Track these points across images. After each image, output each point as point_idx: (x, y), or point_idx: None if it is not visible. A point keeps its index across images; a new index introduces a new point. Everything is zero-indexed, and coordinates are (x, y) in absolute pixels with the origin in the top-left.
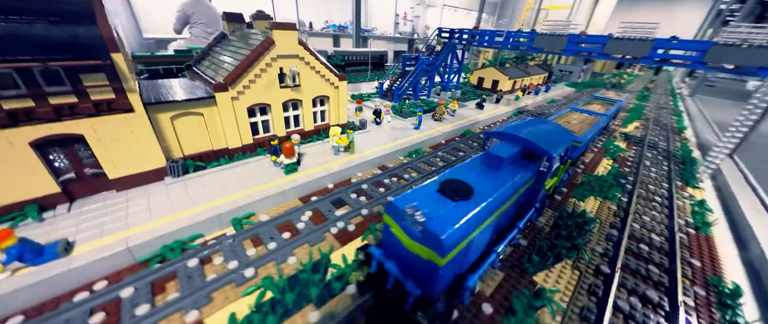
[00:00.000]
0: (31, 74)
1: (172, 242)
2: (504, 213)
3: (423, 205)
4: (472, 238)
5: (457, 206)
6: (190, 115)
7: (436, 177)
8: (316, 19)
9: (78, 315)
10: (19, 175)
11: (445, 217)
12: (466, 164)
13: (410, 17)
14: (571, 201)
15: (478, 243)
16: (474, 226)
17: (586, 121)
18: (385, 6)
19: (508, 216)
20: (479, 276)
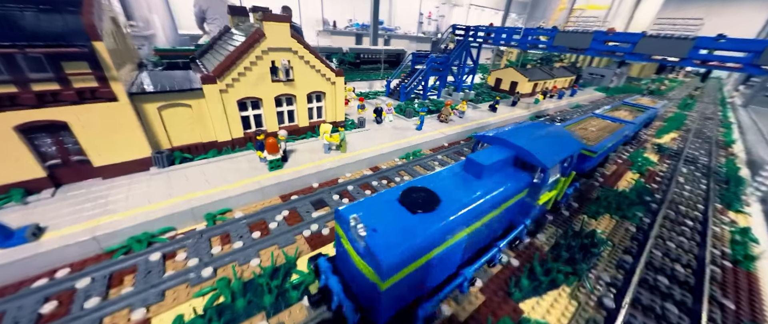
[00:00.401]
0: (13, 60)
1: (140, 234)
2: (483, 228)
3: (374, 216)
4: (433, 258)
5: (415, 219)
6: (179, 107)
7: (403, 184)
8: (340, 18)
9: (31, 303)
10: (3, 159)
11: (395, 232)
12: (443, 171)
13: (435, 17)
14: (581, 217)
15: (444, 262)
16: (434, 244)
17: (607, 129)
18: (410, 5)
19: (492, 232)
20: (440, 301)
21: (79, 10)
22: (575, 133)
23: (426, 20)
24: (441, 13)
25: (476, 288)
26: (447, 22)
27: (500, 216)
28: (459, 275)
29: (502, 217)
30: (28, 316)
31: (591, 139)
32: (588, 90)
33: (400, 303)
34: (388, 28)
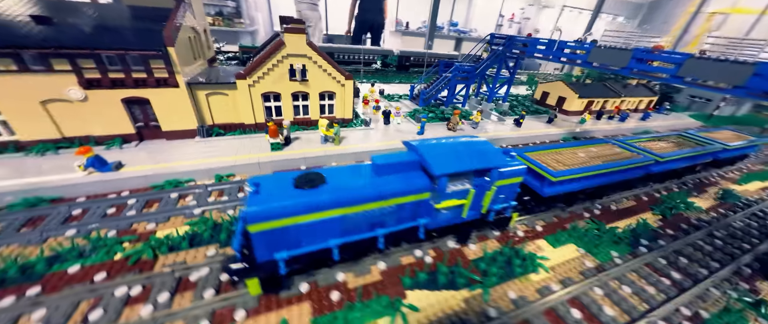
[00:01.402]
0: (123, 58)
1: (172, 179)
2: (368, 214)
3: (269, 185)
4: (301, 223)
5: (294, 192)
6: (219, 95)
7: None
8: (414, 19)
9: (104, 207)
10: (113, 119)
11: (272, 197)
12: (356, 165)
13: (518, 19)
14: (535, 240)
15: (316, 231)
16: (300, 212)
17: (602, 156)
18: (491, 6)
19: (385, 220)
20: (293, 256)
21: (162, 28)
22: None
23: (506, 22)
24: (526, 15)
25: (378, 268)
26: (532, 25)
27: (393, 209)
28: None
29: (396, 211)
30: (100, 212)
31: (568, 165)
32: (678, 115)
33: (272, 250)
34: (462, 31)
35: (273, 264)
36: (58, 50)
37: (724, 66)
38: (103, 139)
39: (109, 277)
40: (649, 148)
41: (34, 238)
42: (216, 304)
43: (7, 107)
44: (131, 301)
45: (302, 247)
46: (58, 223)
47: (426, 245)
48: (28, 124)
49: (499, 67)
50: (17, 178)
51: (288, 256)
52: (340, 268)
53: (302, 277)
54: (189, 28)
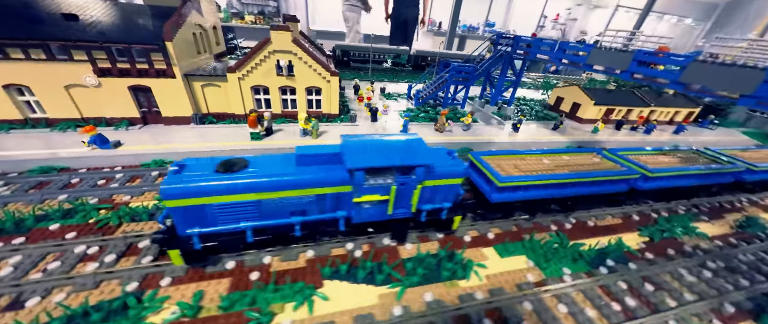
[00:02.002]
0: (129, 50)
1: (158, 160)
2: (286, 201)
3: (193, 168)
4: (214, 203)
5: (212, 176)
6: (213, 86)
7: None
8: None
9: (97, 177)
10: (122, 104)
11: (189, 178)
12: (287, 155)
13: (563, 20)
14: (481, 249)
15: (230, 212)
16: (217, 193)
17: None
18: (533, 6)
19: (305, 208)
20: (209, 232)
21: (162, 25)
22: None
23: (550, 24)
24: (572, 16)
25: (306, 256)
26: (579, 27)
27: (313, 199)
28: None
29: (316, 201)
30: (92, 183)
31: (524, 171)
32: (729, 130)
33: (187, 226)
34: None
35: (190, 238)
36: (76, 43)
37: (732, 71)
38: (113, 120)
39: (77, 236)
40: (642, 162)
41: (35, 199)
42: (149, 270)
43: (39, 89)
44: (86, 258)
45: (217, 226)
46: (56, 189)
47: (361, 239)
48: (55, 104)
49: (505, 68)
50: (40, 149)
51: (200, 233)
52: (271, 252)
53: (233, 255)
54: (194, 24)
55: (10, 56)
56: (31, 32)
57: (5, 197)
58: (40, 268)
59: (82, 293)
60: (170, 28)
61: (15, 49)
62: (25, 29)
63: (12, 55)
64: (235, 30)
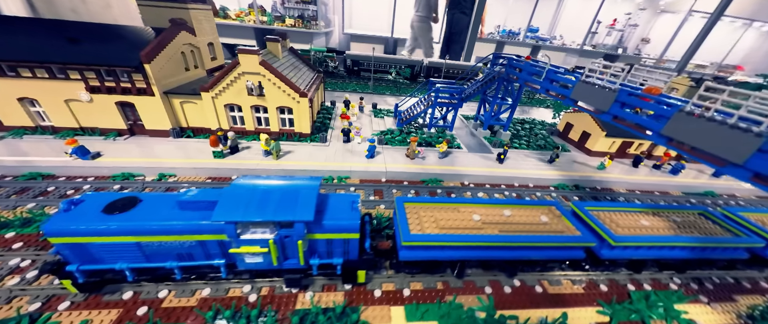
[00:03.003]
0: (114, 71)
1: (126, 173)
2: (165, 244)
3: (84, 205)
4: (95, 243)
5: (97, 216)
6: (191, 103)
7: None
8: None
9: (68, 186)
10: (111, 117)
11: (73, 217)
12: (180, 195)
13: (621, 26)
14: (390, 307)
15: (110, 252)
16: (94, 234)
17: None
18: (587, 10)
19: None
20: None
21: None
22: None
23: (603, 29)
24: (633, 22)
25: (201, 294)
26: (638, 35)
27: (195, 244)
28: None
29: (199, 247)
30: (62, 192)
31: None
32: None
33: (75, 260)
34: (542, 38)
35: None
36: (68, 65)
37: (721, 130)
38: (105, 131)
39: (21, 247)
40: (611, 223)
41: (9, 205)
42: (57, 291)
43: (44, 102)
44: (16, 271)
45: (99, 263)
46: (31, 196)
47: (262, 282)
48: (58, 115)
49: (498, 90)
50: (31, 156)
51: (79, 269)
52: (171, 286)
53: (133, 285)
54: (183, 44)
55: (21, 75)
56: (35, 55)
57: None
58: None
59: None
60: (149, 52)
61: (24, 69)
62: (32, 52)
63: (22, 73)
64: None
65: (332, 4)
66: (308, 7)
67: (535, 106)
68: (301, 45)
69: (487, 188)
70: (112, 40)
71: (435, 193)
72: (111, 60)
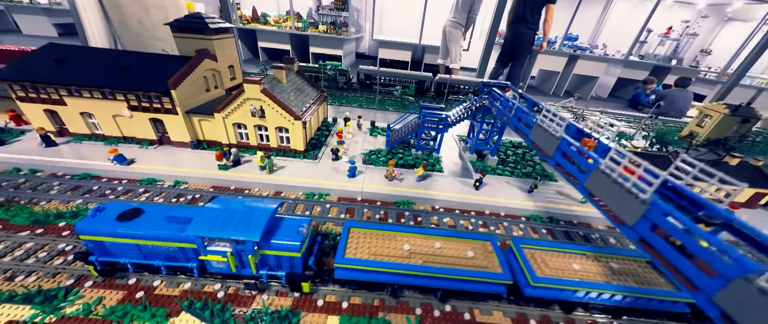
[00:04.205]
0: (148, 95)
1: (150, 178)
2: (157, 249)
3: (107, 211)
4: (110, 242)
5: (111, 221)
6: (207, 120)
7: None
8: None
9: (107, 186)
10: (145, 130)
11: (96, 220)
12: (177, 208)
13: (676, 35)
14: (328, 316)
15: (122, 250)
16: (106, 235)
17: (446, 256)
18: (636, 16)
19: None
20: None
21: (169, 79)
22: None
23: (655, 38)
24: (692, 31)
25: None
26: (700, 44)
27: (176, 250)
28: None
29: (180, 252)
30: (104, 191)
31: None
32: None
33: (95, 251)
34: (581, 47)
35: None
36: (115, 90)
37: (621, 192)
38: (140, 140)
39: (69, 234)
40: (539, 262)
41: (65, 199)
42: (84, 272)
43: (98, 116)
44: (62, 253)
45: (112, 257)
46: (80, 194)
47: (232, 282)
48: (107, 126)
49: (483, 117)
50: (85, 160)
51: (98, 259)
52: (163, 278)
53: (139, 275)
54: (205, 70)
55: (83, 95)
56: (93, 81)
57: (52, 195)
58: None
59: (45, 279)
60: (175, 80)
61: (85, 91)
62: (92, 78)
63: (83, 94)
64: (310, 38)
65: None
66: (341, 14)
67: None
68: (332, 50)
69: (455, 214)
70: (152, 67)
71: (403, 215)
72: (146, 86)
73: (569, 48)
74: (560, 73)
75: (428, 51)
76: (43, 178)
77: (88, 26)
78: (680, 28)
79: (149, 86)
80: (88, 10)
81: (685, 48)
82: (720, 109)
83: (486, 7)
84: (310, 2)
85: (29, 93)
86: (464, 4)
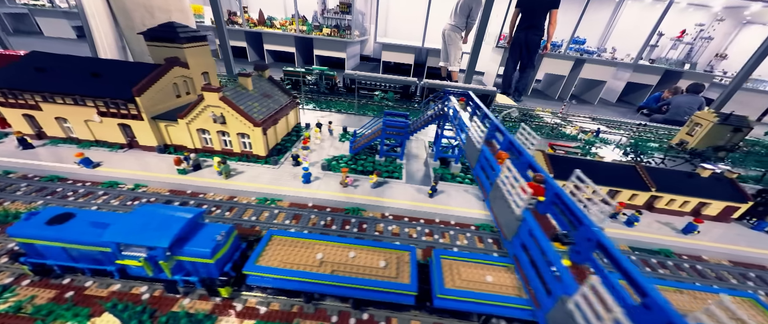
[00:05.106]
0: (116, 102)
1: (112, 181)
2: (82, 252)
3: (39, 216)
4: (36, 244)
5: (39, 225)
6: (173, 126)
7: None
8: None
9: (67, 187)
10: (115, 134)
11: (27, 224)
12: (105, 214)
13: (690, 39)
14: (245, 321)
15: (48, 251)
16: (40, 238)
17: (358, 266)
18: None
19: (100, 260)
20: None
21: (133, 87)
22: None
23: (667, 42)
24: (706, 35)
25: (113, 287)
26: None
27: (98, 253)
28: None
29: (101, 255)
30: (65, 193)
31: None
32: None
33: (28, 253)
34: (588, 50)
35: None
36: (84, 96)
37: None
38: (111, 144)
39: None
40: (448, 276)
41: (28, 200)
42: (18, 270)
43: (71, 121)
44: (8, 253)
45: (42, 258)
46: (43, 195)
47: (156, 285)
48: (80, 130)
49: (444, 124)
50: (54, 162)
51: (29, 261)
52: (95, 279)
53: (74, 275)
54: (175, 77)
55: (56, 101)
56: (66, 87)
57: (17, 196)
58: None
59: None
60: (139, 88)
61: (58, 97)
62: (65, 85)
63: (57, 100)
64: (314, 41)
65: (369, 14)
66: (344, 18)
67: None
68: (336, 53)
69: (404, 222)
70: (124, 75)
71: (349, 222)
72: (111, 93)
73: (576, 51)
74: (566, 77)
75: (431, 54)
76: (13, 180)
77: (96, 31)
78: (694, 32)
79: (115, 93)
80: (96, 16)
81: (699, 52)
82: (710, 117)
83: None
84: (315, 6)
85: (8, 99)
86: (463, 8)
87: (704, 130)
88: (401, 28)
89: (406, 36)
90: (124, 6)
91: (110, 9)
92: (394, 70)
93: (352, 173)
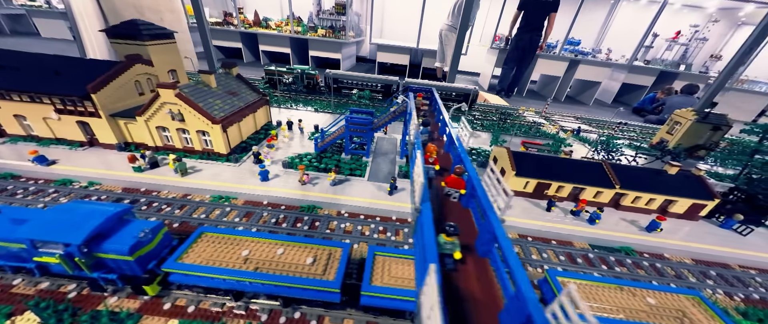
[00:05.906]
0: (72, 99)
1: (66, 179)
2: (11, 251)
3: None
4: None
5: None
6: (133, 124)
7: None
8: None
9: (23, 186)
10: (74, 132)
11: None
12: (28, 211)
13: (685, 40)
14: (169, 320)
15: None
16: None
17: (287, 264)
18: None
19: (23, 258)
20: None
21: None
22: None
23: (662, 43)
24: (701, 36)
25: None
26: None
27: (16, 251)
28: None
29: (18, 253)
30: (12, 191)
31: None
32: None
33: None
34: (582, 52)
35: None
36: (39, 94)
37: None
38: (71, 142)
39: None
40: (377, 274)
41: None
42: None
43: (30, 118)
44: None
45: None
46: None
47: (84, 283)
48: (39, 128)
49: (407, 120)
50: (12, 160)
51: None
52: (25, 276)
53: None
54: (137, 74)
55: (13, 99)
56: (22, 85)
57: None
58: None
59: None
60: (95, 85)
61: (15, 95)
62: (22, 82)
63: (14, 98)
64: (309, 42)
65: (365, 15)
66: (340, 19)
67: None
68: (331, 54)
69: (359, 219)
70: (84, 72)
71: (301, 220)
72: (66, 90)
73: (570, 52)
74: (561, 78)
75: (426, 55)
76: None
77: (85, 32)
78: (689, 33)
79: (70, 90)
80: (85, 17)
81: (694, 53)
82: (688, 115)
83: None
84: (311, 7)
85: None
86: (460, 9)
87: (683, 129)
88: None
89: (402, 37)
90: (114, 6)
91: (101, 9)
92: (389, 70)
93: (315, 171)
